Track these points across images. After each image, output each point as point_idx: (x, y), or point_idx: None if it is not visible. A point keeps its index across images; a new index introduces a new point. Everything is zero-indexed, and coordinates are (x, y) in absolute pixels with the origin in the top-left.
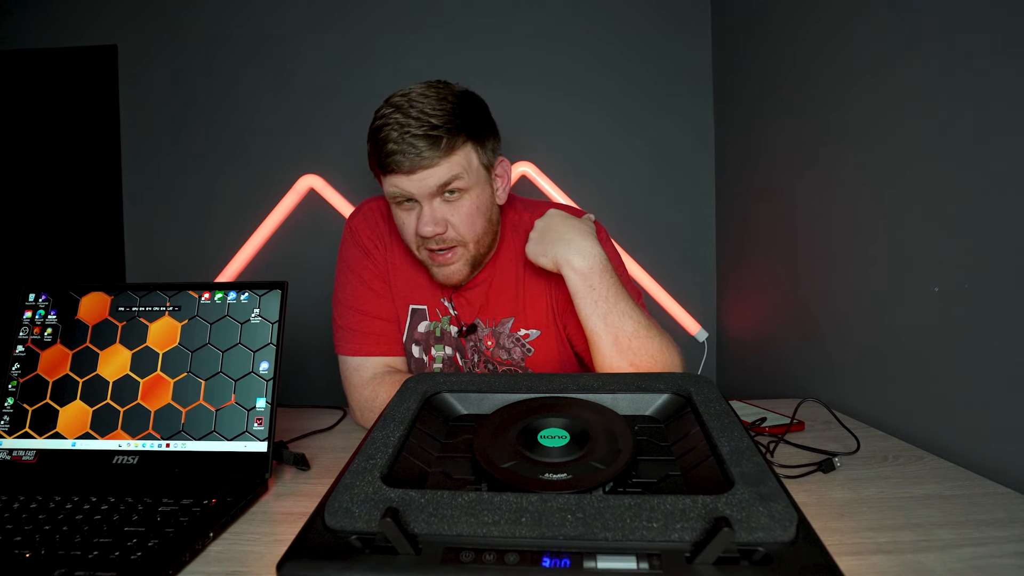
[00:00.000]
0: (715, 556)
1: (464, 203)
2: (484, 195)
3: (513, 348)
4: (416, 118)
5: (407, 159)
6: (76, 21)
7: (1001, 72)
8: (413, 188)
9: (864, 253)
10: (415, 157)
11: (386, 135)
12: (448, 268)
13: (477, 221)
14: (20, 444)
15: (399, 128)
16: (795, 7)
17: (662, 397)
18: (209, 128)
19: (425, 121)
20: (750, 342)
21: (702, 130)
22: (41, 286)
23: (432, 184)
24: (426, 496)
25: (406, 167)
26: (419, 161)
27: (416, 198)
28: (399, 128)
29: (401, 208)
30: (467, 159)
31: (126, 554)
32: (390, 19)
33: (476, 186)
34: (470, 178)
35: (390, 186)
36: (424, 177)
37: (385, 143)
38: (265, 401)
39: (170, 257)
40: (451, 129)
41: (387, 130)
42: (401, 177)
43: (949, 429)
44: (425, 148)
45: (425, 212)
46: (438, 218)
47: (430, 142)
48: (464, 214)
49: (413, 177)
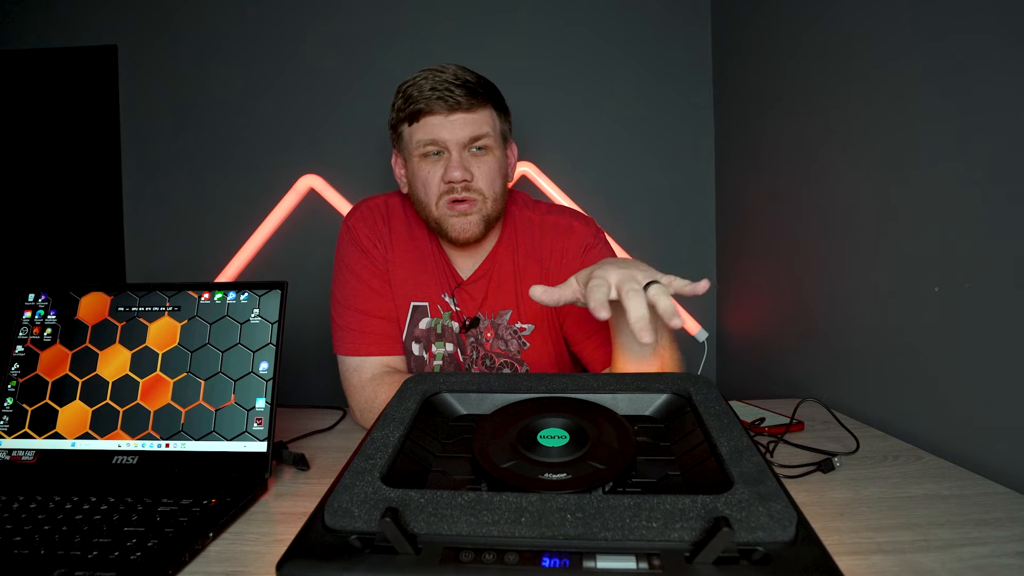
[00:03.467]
0: (715, 556)
1: (488, 159)
2: (502, 160)
3: (510, 340)
4: (452, 75)
5: (446, 102)
6: (76, 21)
7: (1001, 72)
8: (447, 132)
9: (864, 253)
10: (453, 99)
11: (422, 84)
12: (466, 219)
13: (496, 180)
14: (19, 444)
15: (436, 78)
16: (795, 7)
17: (662, 397)
18: (209, 128)
19: (461, 77)
20: (750, 342)
21: (702, 130)
22: (41, 286)
23: (465, 133)
24: (426, 496)
25: (445, 108)
26: (457, 103)
27: (448, 146)
28: (436, 78)
29: (427, 160)
30: (492, 120)
31: (125, 554)
32: (390, 19)
33: (497, 148)
34: (495, 138)
35: (423, 133)
36: (460, 121)
37: (422, 89)
38: (265, 401)
39: (170, 257)
40: (482, 87)
41: (423, 81)
42: (439, 118)
43: (948, 429)
44: (462, 95)
45: (454, 158)
46: (466, 167)
47: (467, 91)
48: (487, 169)
49: (451, 118)
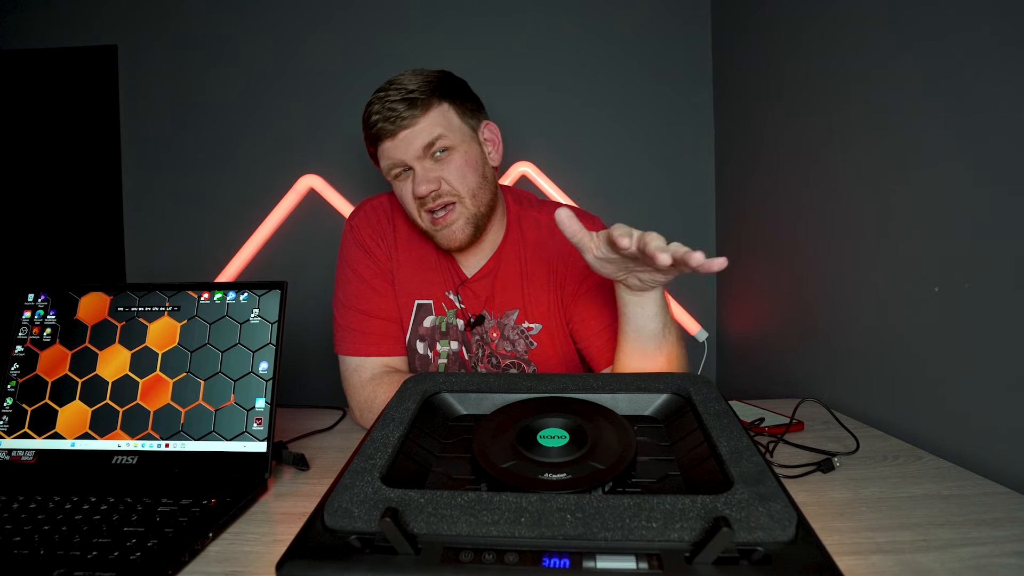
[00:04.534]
0: (714, 556)
1: (454, 159)
2: (472, 152)
3: (517, 340)
4: (395, 89)
5: (388, 123)
6: (76, 21)
7: (1001, 72)
8: (400, 152)
9: (864, 253)
10: (395, 119)
11: (372, 110)
12: (449, 228)
13: (468, 175)
14: (19, 444)
15: (380, 101)
16: (795, 7)
17: (662, 397)
18: (209, 128)
19: (401, 88)
20: (750, 342)
21: (702, 130)
22: (40, 286)
23: (417, 145)
24: (425, 496)
25: (389, 130)
26: (399, 122)
27: (408, 163)
28: (380, 101)
29: (399, 180)
30: (446, 117)
31: (125, 554)
32: (390, 19)
33: (462, 143)
34: (454, 136)
35: (384, 159)
36: (407, 138)
37: (370, 116)
38: (264, 401)
39: (170, 257)
40: (425, 91)
41: (372, 106)
42: (388, 143)
43: (948, 429)
44: (403, 109)
45: (418, 173)
46: (431, 177)
47: (407, 104)
48: (455, 169)
49: (398, 139)
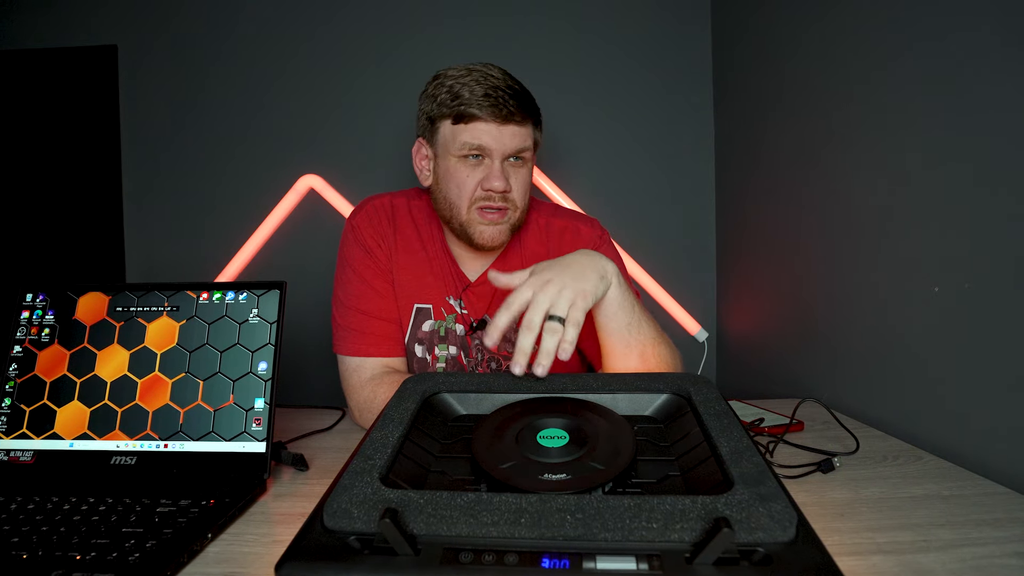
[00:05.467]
0: (715, 556)
1: (524, 171)
2: (531, 173)
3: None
4: (504, 82)
5: (500, 110)
6: (76, 21)
7: (1001, 72)
8: (494, 142)
9: (864, 253)
10: (508, 111)
11: (475, 87)
12: (496, 227)
13: (526, 191)
14: (18, 444)
15: (489, 83)
16: (795, 7)
17: (662, 397)
18: (209, 128)
19: (516, 85)
20: (750, 342)
21: (702, 130)
22: (39, 286)
23: (512, 145)
24: (425, 497)
25: (499, 117)
26: (511, 116)
27: (491, 154)
28: (489, 83)
29: (466, 163)
30: (533, 135)
31: (124, 555)
32: (390, 19)
33: (531, 162)
34: (532, 151)
35: (469, 136)
36: (509, 132)
37: (475, 92)
38: (263, 401)
39: (170, 257)
40: (532, 102)
41: (475, 83)
42: (490, 126)
43: (948, 429)
44: (516, 107)
45: (496, 167)
46: (506, 178)
47: (522, 103)
48: (522, 180)
49: (504, 129)
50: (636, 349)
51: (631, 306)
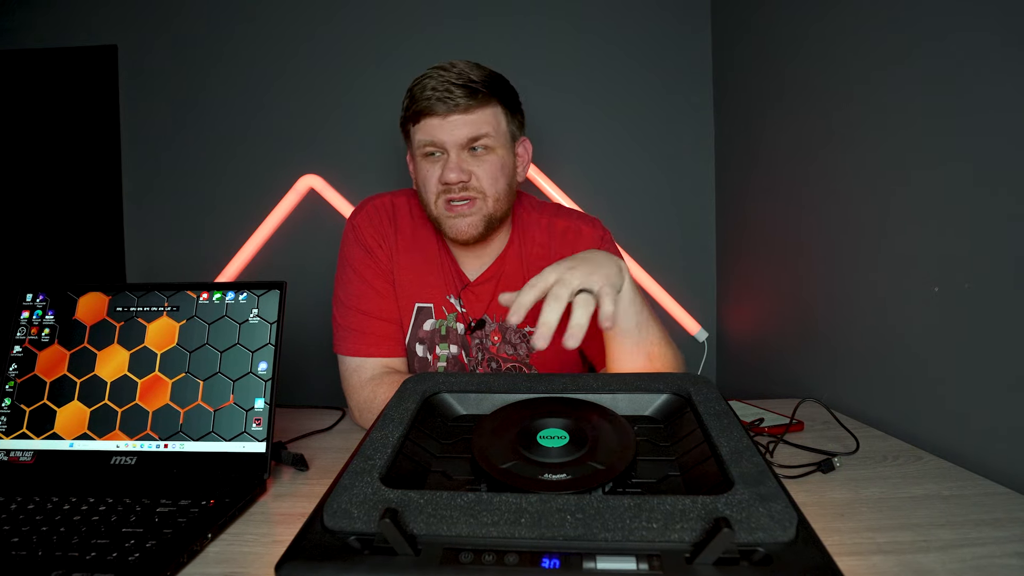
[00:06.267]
0: (715, 557)
1: (490, 159)
2: (507, 160)
3: (519, 344)
4: (456, 73)
5: (444, 103)
6: (76, 21)
7: (1001, 72)
8: (445, 134)
9: (864, 253)
10: (451, 102)
11: (426, 83)
12: (464, 219)
13: (499, 179)
14: (17, 445)
15: (439, 78)
16: (795, 7)
17: (662, 397)
18: (209, 128)
19: (465, 75)
20: (750, 342)
21: (702, 130)
22: (39, 286)
23: (463, 135)
24: (425, 497)
25: (442, 110)
26: (454, 107)
27: (446, 147)
28: (439, 78)
29: (427, 160)
30: (496, 119)
31: (124, 555)
32: (390, 19)
33: (501, 147)
34: (497, 138)
35: (422, 133)
36: (457, 123)
37: (424, 89)
38: (263, 401)
39: (170, 257)
40: (487, 85)
41: (427, 80)
42: (437, 120)
43: (948, 429)
44: (461, 96)
45: (452, 159)
46: (464, 168)
47: (467, 91)
48: (488, 168)
49: (447, 121)
50: (644, 348)
51: (641, 304)
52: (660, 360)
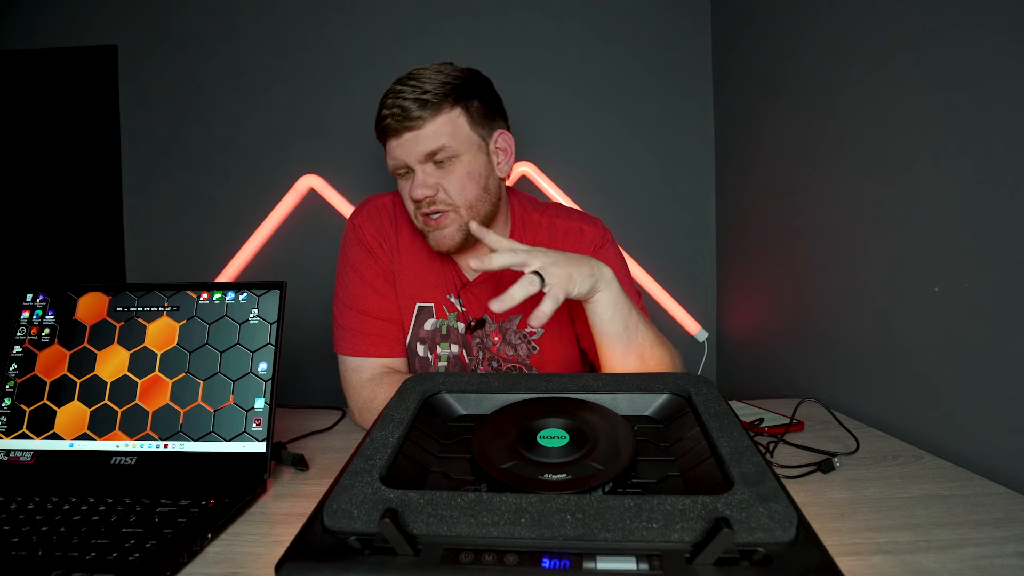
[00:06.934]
0: (715, 557)
1: (456, 169)
2: (477, 162)
3: (519, 345)
4: (411, 86)
5: (395, 120)
6: (76, 21)
7: (1002, 72)
8: (403, 153)
9: (864, 253)
10: (403, 118)
11: (385, 102)
12: (440, 232)
13: (468, 187)
14: (17, 445)
15: (395, 95)
16: (795, 6)
17: (662, 397)
18: (209, 128)
19: (417, 87)
20: (750, 342)
21: (702, 130)
22: (39, 286)
23: (419, 151)
24: (425, 497)
25: (394, 129)
26: (406, 122)
27: (409, 164)
28: (395, 95)
29: (401, 179)
30: (454, 124)
31: (124, 555)
32: (390, 19)
33: (467, 153)
34: (459, 145)
35: (388, 155)
36: (412, 140)
37: (381, 109)
38: (263, 401)
39: (170, 257)
40: (438, 93)
41: (386, 98)
42: (394, 141)
43: (948, 429)
44: (414, 109)
45: (417, 176)
46: (430, 183)
47: (418, 104)
48: (455, 179)
49: (403, 139)
50: (635, 351)
51: (628, 310)
52: (653, 361)
